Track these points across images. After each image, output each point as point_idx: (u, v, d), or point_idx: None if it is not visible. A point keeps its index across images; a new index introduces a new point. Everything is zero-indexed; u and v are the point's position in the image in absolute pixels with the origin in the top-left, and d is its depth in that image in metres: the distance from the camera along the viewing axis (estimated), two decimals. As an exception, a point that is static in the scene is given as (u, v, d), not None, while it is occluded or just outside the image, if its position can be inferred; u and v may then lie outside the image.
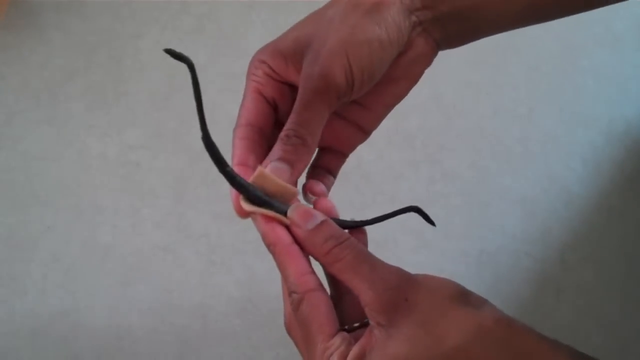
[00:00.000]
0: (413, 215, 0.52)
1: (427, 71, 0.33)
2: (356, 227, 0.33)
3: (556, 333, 0.26)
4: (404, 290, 0.29)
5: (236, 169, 0.31)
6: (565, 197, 0.61)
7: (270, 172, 0.31)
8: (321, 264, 0.30)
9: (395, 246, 0.58)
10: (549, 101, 0.66)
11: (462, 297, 0.31)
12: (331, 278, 0.33)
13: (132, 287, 0.56)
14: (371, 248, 0.58)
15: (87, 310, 0.55)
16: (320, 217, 0.30)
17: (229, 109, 0.62)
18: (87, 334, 0.54)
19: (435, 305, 0.30)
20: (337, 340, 0.29)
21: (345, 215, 0.34)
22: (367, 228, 0.36)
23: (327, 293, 0.30)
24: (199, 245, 0.58)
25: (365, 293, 0.29)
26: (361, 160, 0.61)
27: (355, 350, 0.28)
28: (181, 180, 0.59)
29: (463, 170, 0.61)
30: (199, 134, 0.29)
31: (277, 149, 0.31)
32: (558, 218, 0.61)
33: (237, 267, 0.55)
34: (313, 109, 0.32)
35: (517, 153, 0.63)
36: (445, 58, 0.72)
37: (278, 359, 0.55)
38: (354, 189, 0.58)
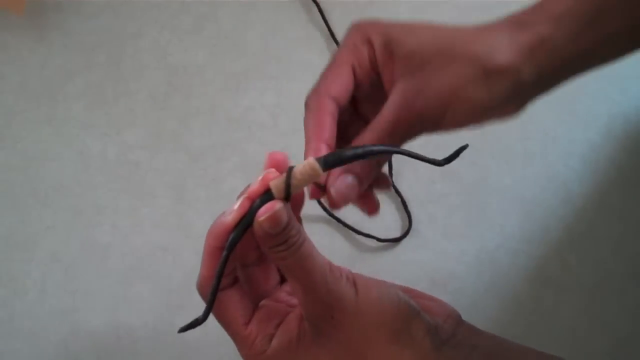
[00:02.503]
0: (413, 215, 0.52)
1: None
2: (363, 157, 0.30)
3: (555, 332, 0.26)
4: (330, 308, 0.29)
5: (314, 145, 0.30)
6: (564, 196, 0.61)
7: (345, 187, 0.29)
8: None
9: (395, 246, 0.58)
10: (549, 100, 0.66)
11: (400, 326, 0.30)
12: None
13: (132, 287, 0.56)
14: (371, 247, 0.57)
15: (87, 310, 0.55)
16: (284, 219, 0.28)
17: (229, 108, 0.62)
18: (87, 334, 0.54)
19: (360, 331, 0.29)
20: (253, 328, 0.30)
21: (346, 214, 0.34)
22: (367, 227, 0.36)
23: (233, 289, 0.30)
24: (199, 245, 0.57)
25: (299, 297, 0.29)
26: (361, 160, 0.61)
27: (283, 338, 0.29)
28: (181, 180, 0.59)
29: (463, 170, 0.61)
30: (198, 133, 0.29)
31: (356, 164, 0.30)
32: (557, 217, 0.61)
33: (237, 267, 0.55)
34: (397, 138, 0.30)
35: (517, 152, 0.63)
36: (445, 58, 0.72)
37: (278, 359, 0.55)
38: (354, 189, 0.58)
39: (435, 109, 0.29)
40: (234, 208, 0.29)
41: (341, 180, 0.29)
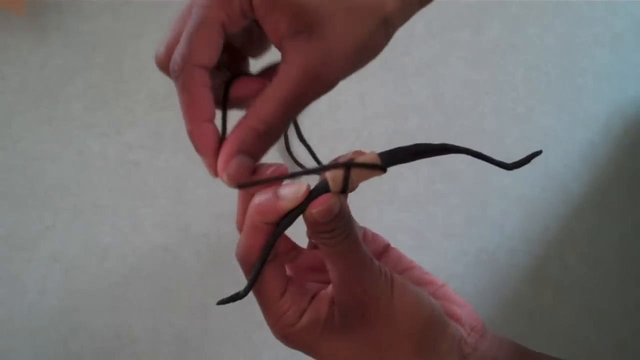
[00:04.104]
0: (413, 215, 0.52)
1: (427, 71, 0.33)
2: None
3: (555, 332, 0.26)
4: (363, 306, 0.29)
5: (197, 129, 0.29)
6: (564, 196, 0.61)
7: (235, 166, 0.28)
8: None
9: (395, 246, 0.58)
10: (549, 100, 0.66)
11: (427, 337, 0.29)
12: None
13: (132, 287, 0.56)
14: (371, 248, 0.57)
15: (87, 310, 0.55)
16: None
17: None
18: (87, 334, 0.54)
19: (388, 336, 0.29)
20: (287, 301, 0.29)
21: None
22: (367, 227, 0.36)
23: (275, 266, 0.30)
24: (199, 245, 0.58)
25: (335, 285, 0.29)
26: (361, 160, 0.61)
27: (312, 316, 0.29)
28: (181, 180, 0.59)
29: (462, 170, 0.61)
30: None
31: (248, 140, 0.28)
32: (557, 217, 0.61)
33: (237, 267, 0.55)
34: (300, 106, 0.28)
35: (517, 152, 0.63)
36: (445, 58, 0.73)
37: (278, 359, 0.55)
38: (354, 189, 0.58)
39: (342, 71, 0.28)
40: (291, 192, 0.28)
41: (234, 164, 0.28)
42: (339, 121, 0.62)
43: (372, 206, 0.59)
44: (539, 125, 0.64)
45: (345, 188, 0.28)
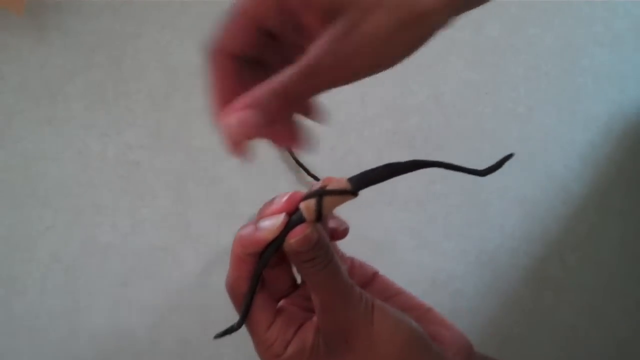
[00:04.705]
0: (413, 215, 0.52)
1: (426, 71, 0.33)
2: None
3: (555, 332, 0.26)
4: (345, 332, 0.29)
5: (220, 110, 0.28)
6: (564, 196, 0.61)
7: (240, 116, 0.26)
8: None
9: (395, 246, 0.58)
10: (549, 101, 0.66)
11: (407, 356, 0.30)
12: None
13: (132, 287, 0.56)
14: (371, 248, 0.58)
15: (87, 310, 0.55)
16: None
17: (229, 108, 0.62)
18: (87, 334, 0.54)
19: (371, 358, 0.30)
20: (274, 333, 0.30)
21: (346, 213, 0.34)
22: (367, 227, 0.36)
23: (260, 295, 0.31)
24: (199, 245, 0.58)
25: (318, 313, 0.30)
26: (361, 160, 0.61)
27: (297, 346, 0.30)
28: (181, 180, 0.59)
29: (463, 170, 0.61)
30: (199, 133, 0.29)
31: (263, 96, 0.27)
32: (557, 217, 0.61)
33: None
34: (319, 83, 0.27)
35: (517, 152, 0.63)
36: (445, 58, 0.73)
37: (278, 359, 0.55)
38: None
39: (368, 61, 0.27)
40: (269, 224, 0.29)
41: (241, 115, 0.26)
42: (339, 121, 0.62)
43: (372, 206, 0.59)
44: (539, 125, 0.64)
45: (320, 216, 0.28)
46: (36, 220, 0.57)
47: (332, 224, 0.34)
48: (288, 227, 0.29)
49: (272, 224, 0.29)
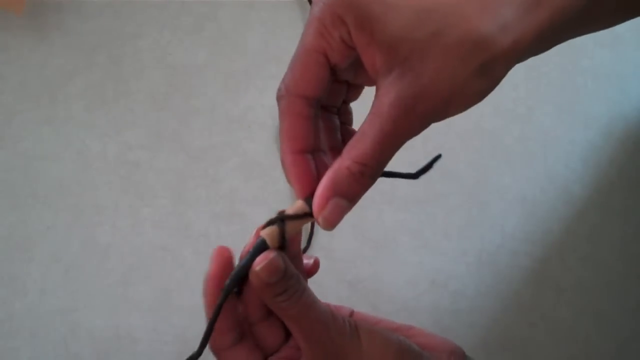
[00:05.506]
0: (413, 215, 0.52)
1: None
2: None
3: (555, 333, 0.26)
4: (335, 359, 0.29)
5: (290, 157, 0.28)
6: (564, 196, 0.61)
7: (331, 209, 0.27)
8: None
9: (395, 246, 0.58)
10: (549, 101, 0.66)
11: None
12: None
13: (132, 287, 0.56)
14: (371, 248, 0.58)
15: (87, 310, 0.55)
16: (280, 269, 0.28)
17: (229, 108, 0.62)
18: (87, 334, 0.54)
19: None
20: None
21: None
22: (367, 227, 0.36)
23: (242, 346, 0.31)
24: (198, 245, 0.58)
25: (303, 349, 0.29)
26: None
27: None
28: (181, 180, 0.59)
29: (463, 170, 0.61)
30: (198, 133, 0.29)
31: (343, 182, 0.26)
32: (558, 217, 0.61)
33: (237, 267, 0.55)
34: (394, 146, 0.26)
35: (517, 152, 0.63)
36: (445, 58, 0.72)
37: (278, 359, 0.55)
38: (354, 189, 0.58)
39: (436, 108, 0.26)
40: (215, 255, 0.30)
41: (331, 207, 0.27)
42: (339, 121, 0.62)
43: (371, 206, 0.59)
44: (539, 125, 0.64)
45: (283, 243, 0.28)
46: (36, 220, 0.57)
47: (304, 260, 0.34)
48: (249, 258, 0.29)
49: (219, 252, 0.30)
